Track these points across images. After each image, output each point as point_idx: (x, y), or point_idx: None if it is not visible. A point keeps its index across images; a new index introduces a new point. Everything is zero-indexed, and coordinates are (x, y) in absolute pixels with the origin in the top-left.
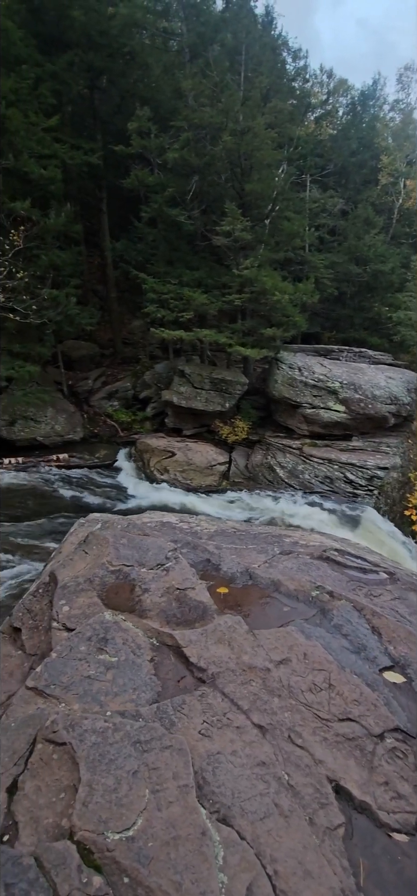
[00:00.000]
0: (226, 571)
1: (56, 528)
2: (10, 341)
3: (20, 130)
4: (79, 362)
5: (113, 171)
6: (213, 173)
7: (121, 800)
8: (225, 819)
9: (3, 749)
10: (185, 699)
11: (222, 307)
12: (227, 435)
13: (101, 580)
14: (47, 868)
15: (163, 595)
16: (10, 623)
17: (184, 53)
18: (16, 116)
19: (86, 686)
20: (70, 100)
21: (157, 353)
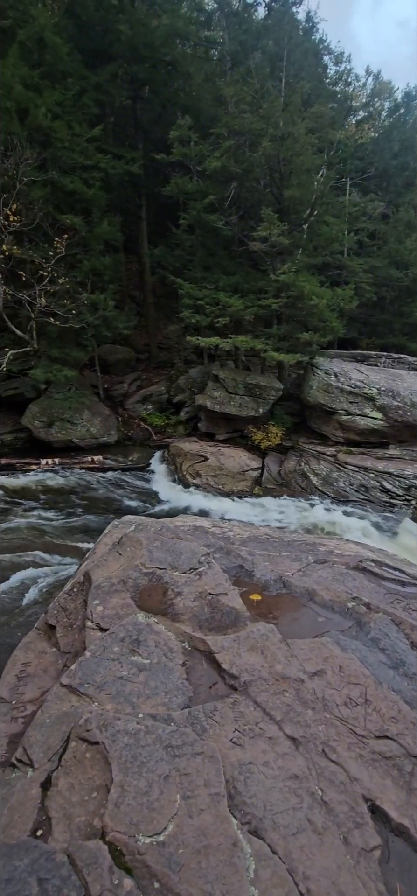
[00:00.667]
0: (259, 578)
1: (89, 529)
2: (49, 345)
3: (65, 142)
4: (115, 366)
5: (152, 179)
6: (252, 179)
7: (152, 803)
8: (256, 831)
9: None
10: (217, 706)
11: (258, 312)
12: (260, 440)
13: (135, 582)
14: (80, 866)
15: (196, 599)
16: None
17: (225, 61)
18: (61, 129)
19: (118, 686)
20: (113, 110)
21: (192, 357)
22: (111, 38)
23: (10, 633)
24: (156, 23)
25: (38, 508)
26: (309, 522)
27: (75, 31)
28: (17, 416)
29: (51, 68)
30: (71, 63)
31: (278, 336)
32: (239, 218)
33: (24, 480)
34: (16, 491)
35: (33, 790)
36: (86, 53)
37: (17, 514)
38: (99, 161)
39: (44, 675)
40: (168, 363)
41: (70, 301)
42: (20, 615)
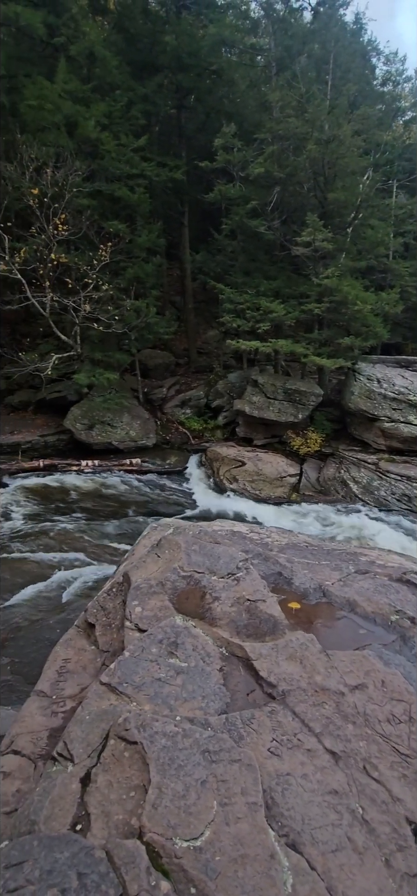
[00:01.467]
0: (298, 586)
1: (127, 530)
2: (92, 350)
3: (112, 153)
4: (155, 370)
5: (195, 186)
6: (295, 183)
7: (189, 807)
8: (294, 845)
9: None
10: (255, 714)
11: (299, 317)
12: (299, 446)
13: (173, 584)
14: (117, 864)
15: (234, 605)
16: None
17: (270, 67)
18: (108, 141)
19: (156, 688)
20: (158, 120)
21: (231, 362)
22: (158, 49)
23: (50, 630)
24: (202, 33)
25: (78, 509)
26: (348, 531)
27: (123, 45)
28: (59, 419)
29: (100, 81)
30: (119, 75)
31: (319, 341)
32: (281, 222)
33: (64, 481)
34: (56, 491)
35: (73, 785)
36: (133, 65)
37: (58, 514)
38: (144, 169)
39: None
40: (207, 368)
41: (113, 307)
42: (59, 612)
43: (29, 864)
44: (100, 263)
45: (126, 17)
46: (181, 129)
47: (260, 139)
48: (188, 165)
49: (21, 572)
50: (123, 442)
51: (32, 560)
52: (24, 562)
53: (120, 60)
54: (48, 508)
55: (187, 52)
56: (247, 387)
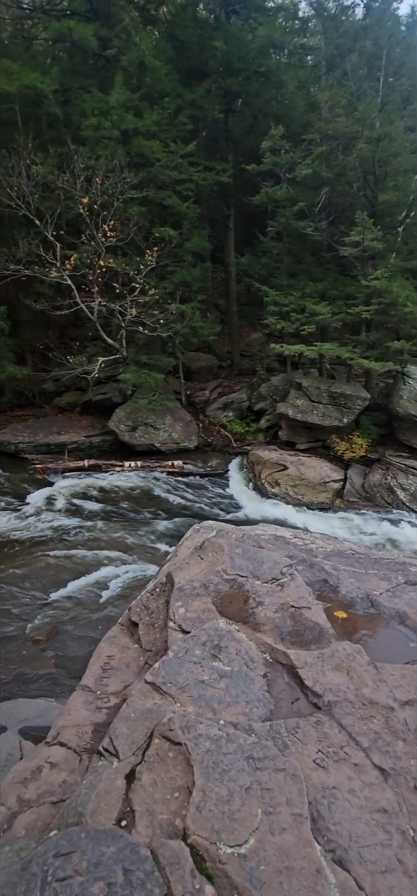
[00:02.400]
0: (345, 595)
1: (168, 531)
2: (137, 352)
3: (162, 160)
4: (198, 373)
5: (241, 189)
6: (344, 183)
7: (233, 813)
8: (341, 861)
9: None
10: (300, 723)
11: (346, 319)
12: (344, 451)
13: (216, 587)
14: (162, 864)
15: (278, 611)
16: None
17: (320, 67)
18: (158, 149)
19: (200, 690)
20: (206, 125)
21: (275, 365)
22: (207, 55)
23: (92, 626)
24: (251, 36)
25: (120, 509)
26: (395, 540)
27: (173, 52)
28: (104, 420)
29: (150, 90)
30: (168, 83)
31: (366, 343)
32: (329, 223)
33: (108, 481)
34: (100, 490)
35: (118, 781)
36: (182, 72)
37: (100, 513)
38: (191, 174)
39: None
40: (250, 371)
41: (159, 311)
42: (101, 609)
43: (77, 856)
44: (146, 268)
45: (176, 25)
46: (228, 133)
47: (309, 140)
48: (234, 169)
49: (64, 569)
50: (165, 444)
51: (75, 557)
52: (68, 559)
53: (169, 68)
54: (91, 507)
55: (236, 56)
56: (291, 390)
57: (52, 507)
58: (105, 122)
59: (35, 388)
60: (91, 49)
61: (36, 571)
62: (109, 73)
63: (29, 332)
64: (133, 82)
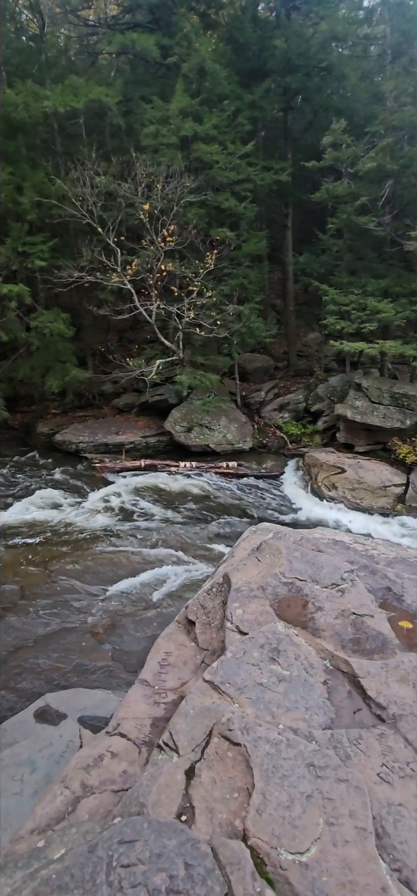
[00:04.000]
0: (410, 604)
1: (222, 532)
2: (193, 353)
3: (220, 163)
4: (254, 374)
5: (300, 187)
6: (410, 175)
7: (294, 820)
8: (408, 882)
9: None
10: (362, 734)
11: (410, 317)
12: (406, 454)
13: (274, 590)
14: (223, 863)
15: (338, 617)
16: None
17: (385, 56)
18: (216, 152)
19: (258, 693)
20: (264, 124)
21: (333, 366)
22: (266, 55)
23: (147, 622)
24: (312, 31)
25: (175, 508)
26: None
27: (232, 56)
28: (160, 421)
29: (209, 94)
30: (228, 86)
31: None
32: (393, 217)
33: (163, 480)
34: (156, 489)
35: (178, 776)
36: (242, 74)
37: (156, 511)
38: (249, 174)
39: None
40: (306, 371)
41: (216, 312)
42: (156, 606)
43: (140, 844)
44: (204, 271)
45: (235, 28)
46: (287, 131)
47: (372, 132)
48: (293, 167)
49: (121, 565)
50: (220, 445)
51: (131, 554)
52: (124, 555)
53: (228, 71)
54: (147, 506)
55: (296, 53)
56: (350, 391)
57: (110, 504)
58: (163, 129)
59: (95, 390)
60: (153, 58)
61: (95, 566)
62: (170, 81)
63: (90, 336)
64: (193, 88)
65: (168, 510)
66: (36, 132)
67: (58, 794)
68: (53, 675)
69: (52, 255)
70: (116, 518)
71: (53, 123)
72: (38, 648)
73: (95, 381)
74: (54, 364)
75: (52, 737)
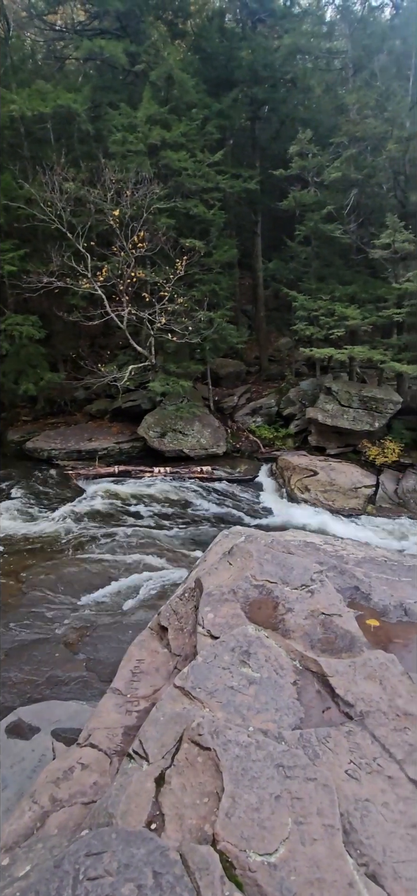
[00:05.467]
0: (377, 603)
1: (197, 537)
2: (166, 360)
3: (189, 171)
4: (226, 379)
5: (268, 195)
6: (374, 185)
7: (263, 821)
8: (374, 876)
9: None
10: (331, 733)
11: (376, 322)
12: (375, 456)
13: (245, 593)
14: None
15: (308, 618)
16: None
17: (347, 69)
18: (185, 160)
19: (228, 696)
20: (232, 133)
21: (303, 370)
22: (233, 65)
23: (122, 630)
24: (278, 43)
25: (150, 514)
26: None
27: (200, 65)
28: (133, 427)
29: (177, 102)
30: (196, 94)
31: (398, 346)
32: (358, 225)
33: (137, 487)
34: (130, 496)
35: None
36: (209, 83)
37: (130, 518)
38: (218, 182)
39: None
40: (278, 376)
41: (187, 318)
42: (129, 614)
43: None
44: (175, 277)
45: (203, 38)
46: (255, 140)
47: (337, 143)
48: (261, 175)
49: (95, 573)
50: (194, 449)
51: (106, 562)
52: (98, 563)
53: (196, 80)
54: (122, 512)
55: (262, 64)
56: (320, 394)
57: (83, 512)
58: (130, 136)
59: (66, 396)
60: (121, 65)
61: (68, 576)
62: (138, 88)
63: (61, 342)
64: (161, 95)
65: (142, 516)
66: (2, 136)
67: (26, 809)
68: (26, 688)
69: (21, 260)
70: (90, 526)
71: (20, 127)
72: (10, 661)
73: (67, 388)
74: (26, 368)
75: (24, 751)
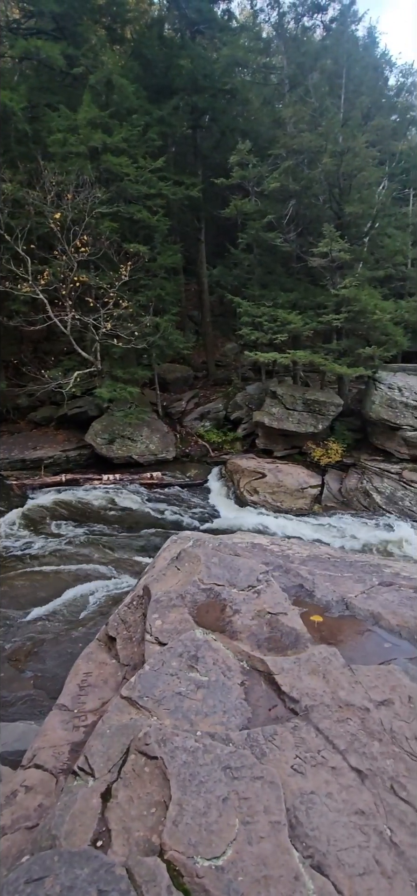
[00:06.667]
0: (320, 599)
1: (148, 544)
2: (112, 365)
3: (131, 176)
4: (174, 384)
5: (211, 203)
6: (311, 196)
7: (210, 825)
8: (319, 867)
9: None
10: (277, 730)
11: (317, 327)
12: (320, 457)
13: (193, 597)
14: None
15: (254, 618)
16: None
17: (283, 84)
18: (126, 165)
19: (177, 702)
20: (174, 140)
21: (249, 374)
22: (173, 73)
23: (72, 643)
24: (216, 55)
25: (99, 522)
26: (371, 542)
27: (140, 71)
28: (80, 434)
29: (118, 107)
30: (136, 100)
31: (338, 351)
32: (297, 234)
33: (86, 495)
34: (78, 505)
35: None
36: (150, 90)
37: (79, 527)
38: (161, 189)
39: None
40: (225, 380)
41: (133, 324)
42: (81, 625)
43: (50, 880)
44: (119, 282)
45: (142, 45)
46: (196, 148)
47: (275, 154)
48: (204, 183)
49: (43, 586)
50: (143, 456)
51: (54, 573)
52: (46, 575)
53: (136, 86)
54: (70, 522)
55: (202, 74)
56: (266, 398)
57: (29, 523)
58: (71, 137)
59: (9, 404)
60: (58, 67)
61: (13, 590)
62: (77, 91)
63: (2, 348)
64: (101, 100)
65: (92, 525)
66: None
67: None
68: None
69: None
70: (37, 537)
71: None
72: None
73: (9, 395)
74: None
75: None
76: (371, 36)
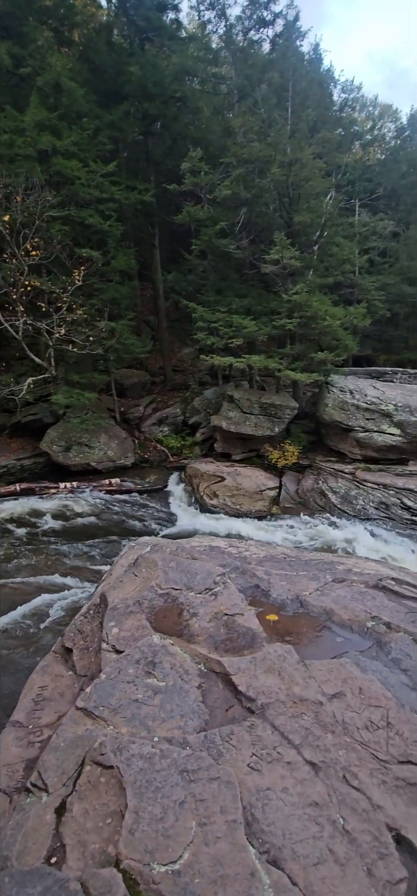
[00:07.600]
0: (276, 598)
1: (107, 551)
2: (68, 371)
3: (82, 179)
4: (131, 390)
5: (164, 209)
6: (262, 204)
7: (167, 830)
8: (275, 861)
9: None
10: (234, 729)
11: (271, 332)
12: (277, 460)
13: (150, 603)
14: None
15: (211, 620)
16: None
17: (232, 95)
18: (78, 169)
19: (133, 710)
20: (126, 146)
21: (207, 379)
22: (123, 79)
23: (29, 657)
24: (166, 63)
25: (56, 532)
26: (327, 541)
27: (89, 75)
28: (35, 442)
29: (67, 110)
30: (86, 104)
31: (292, 355)
32: (249, 242)
33: (42, 504)
34: (34, 515)
35: (48, 816)
36: (100, 94)
37: (35, 538)
38: (113, 193)
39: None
40: (183, 385)
41: (88, 329)
42: (37, 639)
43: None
44: (73, 287)
45: (91, 49)
46: (148, 155)
47: (226, 163)
48: (157, 189)
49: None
50: (101, 462)
51: (10, 586)
52: (1, 588)
53: (86, 90)
54: (26, 532)
55: (152, 81)
56: (223, 402)
57: None
58: (18, 139)
59: None
60: (4, 66)
61: None
62: (24, 92)
63: None
64: (50, 102)
65: (49, 535)
66: None
67: None
68: None
69: None
70: None
71: None
72: None
73: None
74: None
75: None
76: (317, 52)
